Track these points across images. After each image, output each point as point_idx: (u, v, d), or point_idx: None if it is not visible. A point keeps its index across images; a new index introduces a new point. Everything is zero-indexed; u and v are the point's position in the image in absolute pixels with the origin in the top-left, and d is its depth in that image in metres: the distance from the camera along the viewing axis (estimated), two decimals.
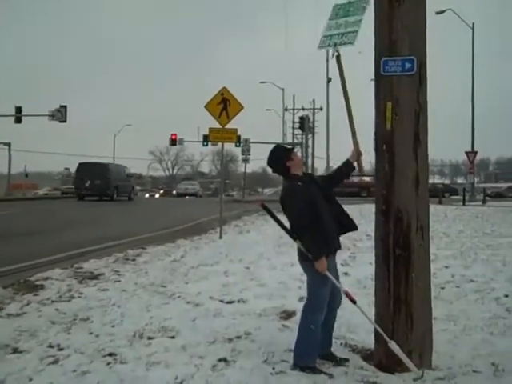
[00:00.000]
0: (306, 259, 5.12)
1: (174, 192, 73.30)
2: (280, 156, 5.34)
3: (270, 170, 5.61)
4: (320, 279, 5.09)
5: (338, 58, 5.54)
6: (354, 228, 5.41)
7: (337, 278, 5.30)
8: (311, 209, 5.01)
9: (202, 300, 7.74)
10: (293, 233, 5.16)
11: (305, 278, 5.35)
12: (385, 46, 5.28)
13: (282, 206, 5.24)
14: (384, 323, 5.19)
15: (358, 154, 5.53)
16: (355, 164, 5.58)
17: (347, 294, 5.15)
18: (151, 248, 13.33)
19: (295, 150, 5.49)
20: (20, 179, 57.24)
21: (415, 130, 5.21)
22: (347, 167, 5.56)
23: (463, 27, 44.09)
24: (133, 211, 31.63)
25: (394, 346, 4.93)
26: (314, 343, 5.16)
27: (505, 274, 9.73)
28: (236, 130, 16.60)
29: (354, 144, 5.55)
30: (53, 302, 7.57)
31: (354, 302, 5.13)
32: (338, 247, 5.34)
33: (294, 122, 68.13)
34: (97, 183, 40.28)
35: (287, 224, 5.23)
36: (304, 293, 5.30)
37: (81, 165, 43.60)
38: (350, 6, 5.84)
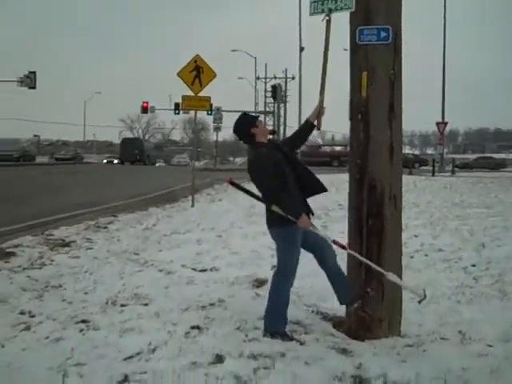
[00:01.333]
0: (276, 224, 5.18)
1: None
2: (245, 123, 5.32)
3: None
4: (289, 244, 5.17)
5: (329, 22, 5.48)
6: (323, 189, 5.39)
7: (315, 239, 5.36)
8: (279, 173, 5.05)
9: (174, 268, 7.77)
10: (266, 199, 5.20)
11: None
12: (360, 15, 5.26)
13: (251, 175, 5.27)
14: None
15: (320, 111, 5.51)
16: (315, 122, 5.55)
17: (336, 242, 5.21)
18: (123, 216, 13.28)
19: (260, 118, 5.47)
20: None
21: (390, 99, 5.22)
22: (307, 125, 5.55)
23: None
24: (102, 179, 31.37)
25: (392, 276, 5.03)
26: (283, 309, 5.22)
27: (472, 243, 9.89)
28: (209, 97, 16.48)
29: (320, 101, 5.53)
30: (24, 269, 7.53)
31: (344, 247, 5.19)
32: (310, 211, 5.35)
33: (266, 91, 67.82)
34: (136, 152, 58.52)
35: (258, 193, 5.27)
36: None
37: (124, 139, 65.73)
38: None
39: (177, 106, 47.19)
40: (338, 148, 52.99)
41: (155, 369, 4.31)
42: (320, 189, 5.39)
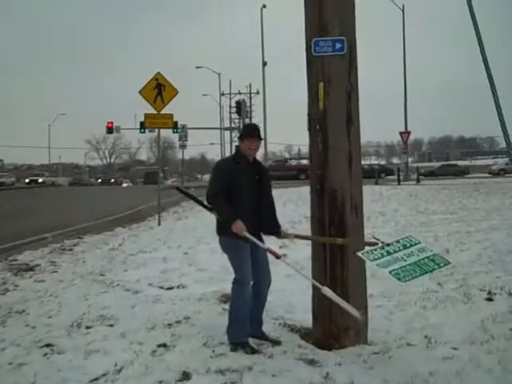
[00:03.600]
0: (223, 232, 5.27)
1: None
2: (242, 132, 5.54)
3: (208, 156, 5.74)
4: (238, 253, 5.24)
5: None
6: (276, 227, 5.56)
7: (265, 260, 5.45)
8: (229, 186, 5.17)
9: (141, 287, 7.70)
10: (207, 202, 5.32)
11: None
12: (315, 27, 5.31)
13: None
14: (321, 302, 5.26)
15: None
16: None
17: (270, 251, 5.24)
18: (89, 237, 13.16)
19: (251, 138, 5.39)
20: None
21: (347, 109, 5.27)
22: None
23: (395, 9, 44.79)
24: (71, 200, 31.07)
25: (326, 290, 4.95)
26: (243, 318, 5.25)
27: (437, 248, 9.84)
28: (172, 115, 16.45)
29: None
30: None
31: (278, 257, 5.21)
32: (254, 232, 5.34)
33: (230, 107, 67.93)
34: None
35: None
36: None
37: (146, 172, 72.91)
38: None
39: (142, 124, 46.76)
40: (304, 161, 53.11)
41: None
42: (274, 226, 5.56)
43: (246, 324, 5.27)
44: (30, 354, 5.12)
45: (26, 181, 54.88)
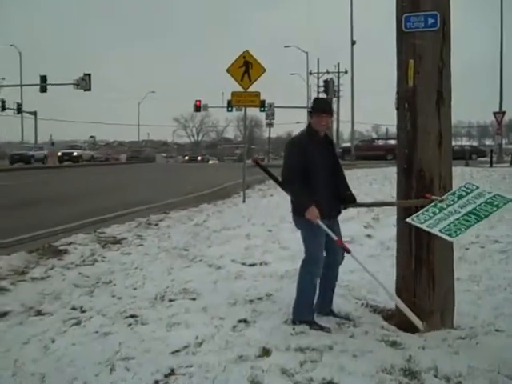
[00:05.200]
0: (297, 213, 5.21)
1: None
2: (312, 107, 5.39)
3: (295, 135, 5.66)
4: (311, 232, 5.15)
5: None
6: (352, 199, 5.41)
7: (340, 236, 5.36)
8: (304, 164, 5.09)
9: (223, 263, 7.76)
10: (282, 184, 5.30)
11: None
12: (407, 2, 5.13)
13: (284, 151, 5.42)
14: (406, 284, 5.15)
15: None
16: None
17: (340, 243, 5.14)
18: (174, 213, 13.35)
19: (322, 113, 5.29)
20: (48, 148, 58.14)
21: (438, 87, 5.09)
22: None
23: None
24: (161, 176, 31.78)
25: (398, 301, 4.89)
26: (310, 297, 5.24)
27: None
28: (258, 93, 16.40)
29: None
30: (76, 265, 7.64)
31: (348, 251, 5.09)
32: (333, 214, 5.33)
33: (318, 86, 67.39)
34: None
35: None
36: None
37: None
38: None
39: (229, 103, 47.40)
40: (392, 141, 52.13)
41: (201, 362, 4.31)
42: (351, 199, 5.41)
43: (311, 303, 5.26)
44: (115, 324, 5.26)
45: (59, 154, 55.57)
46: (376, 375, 4.09)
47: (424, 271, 5.10)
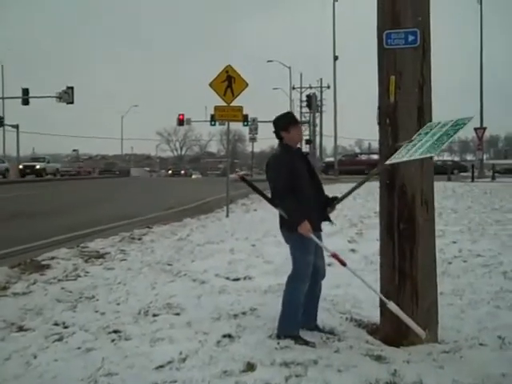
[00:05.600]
0: (287, 228, 5.20)
1: None
2: (279, 123, 5.35)
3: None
4: (303, 248, 5.13)
5: None
6: (333, 206, 5.42)
7: (322, 251, 5.37)
8: (292, 180, 5.07)
9: (207, 277, 7.73)
10: (274, 200, 5.23)
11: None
12: (388, 19, 5.19)
13: (266, 173, 5.31)
14: (389, 298, 5.14)
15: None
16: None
17: (336, 257, 5.10)
18: (157, 227, 13.32)
19: (296, 123, 5.42)
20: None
21: (419, 103, 5.13)
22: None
23: None
24: (143, 190, 31.68)
25: (392, 306, 4.88)
26: (296, 313, 5.21)
27: None
28: (241, 107, 16.49)
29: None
30: (59, 280, 7.57)
31: (343, 264, 5.08)
32: (319, 228, 5.34)
33: (301, 101, 68.02)
34: None
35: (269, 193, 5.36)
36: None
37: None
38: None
39: (212, 117, 47.50)
40: (374, 156, 52.37)
41: (185, 378, 4.28)
42: (332, 205, 5.41)
43: (297, 318, 5.23)
44: (98, 340, 5.21)
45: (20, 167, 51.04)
46: None
47: (407, 285, 5.11)
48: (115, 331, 5.45)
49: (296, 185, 5.09)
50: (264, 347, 4.95)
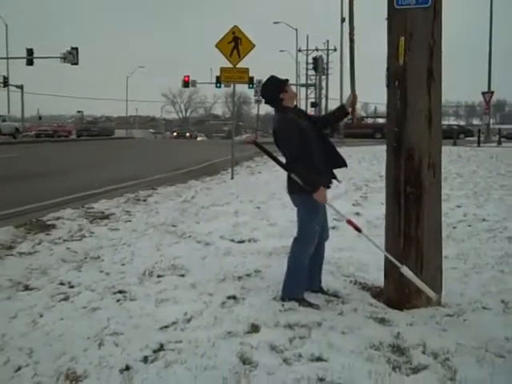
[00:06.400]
0: (297, 191, 5.13)
1: None
2: (274, 87, 5.27)
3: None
4: (311, 212, 5.10)
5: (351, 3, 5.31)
6: (343, 164, 5.31)
7: (324, 214, 5.33)
8: (303, 141, 4.98)
9: (212, 239, 7.76)
10: (287, 165, 5.15)
11: None
12: None
13: (275, 139, 5.20)
14: (393, 262, 5.14)
15: (354, 99, 5.37)
16: (350, 110, 5.42)
17: (351, 223, 5.10)
18: (162, 189, 13.33)
19: (288, 81, 5.38)
20: (34, 122, 57.10)
21: (428, 65, 5.05)
22: (340, 111, 5.42)
23: None
24: (147, 152, 31.66)
25: (406, 271, 4.86)
26: (301, 275, 5.23)
27: None
28: (247, 69, 16.34)
29: (352, 89, 5.39)
30: (64, 241, 7.62)
31: (359, 230, 5.08)
32: (329, 183, 5.26)
33: (307, 63, 67.28)
34: None
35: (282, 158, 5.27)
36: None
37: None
38: None
39: (218, 79, 47.15)
40: (380, 120, 52.19)
41: (190, 338, 4.31)
42: (342, 163, 5.30)
43: (302, 281, 5.25)
44: (104, 300, 5.25)
45: None
46: (364, 351, 4.11)
47: (412, 250, 5.11)
48: (120, 291, 5.49)
49: (307, 145, 5.00)
50: (268, 309, 4.98)
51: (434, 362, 3.99)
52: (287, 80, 5.39)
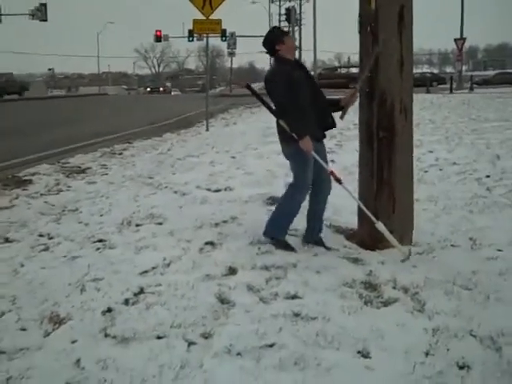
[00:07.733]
0: (285, 140, 5.18)
1: None
2: (272, 38, 5.29)
3: (257, 65, 5.56)
4: (302, 160, 5.14)
5: None
6: (332, 125, 5.38)
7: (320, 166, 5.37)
8: (291, 91, 5.00)
9: (188, 189, 7.84)
10: (276, 113, 5.20)
11: None
12: None
13: (266, 87, 5.24)
14: (367, 205, 5.26)
15: (353, 99, 5.32)
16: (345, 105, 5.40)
17: (332, 174, 5.20)
18: (138, 142, 13.34)
19: (289, 34, 5.41)
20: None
21: (400, 10, 5.10)
22: (337, 105, 5.40)
23: None
24: (122, 107, 31.37)
25: (380, 226, 5.02)
26: (287, 219, 5.34)
27: (488, 156, 9.86)
28: (220, 20, 16.17)
29: (356, 89, 5.37)
30: (41, 195, 7.66)
31: (339, 181, 5.17)
32: (320, 137, 5.33)
33: (280, 15, 66.50)
34: None
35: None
36: (291, 180, 5.37)
37: None
38: None
39: (190, 33, 46.53)
40: (354, 70, 51.94)
41: (170, 281, 4.43)
42: (331, 124, 5.36)
43: (286, 225, 5.36)
44: (84, 249, 5.34)
45: None
46: (338, 289, 4.27)
47: (385, 191, 5.24)
48: (100, 240, 5.58)
49: (296, 96, 5.01)
50: (245, 253, 5.11)
51: (404, 295, 4.17)
52: (286, 32, 5.45)
